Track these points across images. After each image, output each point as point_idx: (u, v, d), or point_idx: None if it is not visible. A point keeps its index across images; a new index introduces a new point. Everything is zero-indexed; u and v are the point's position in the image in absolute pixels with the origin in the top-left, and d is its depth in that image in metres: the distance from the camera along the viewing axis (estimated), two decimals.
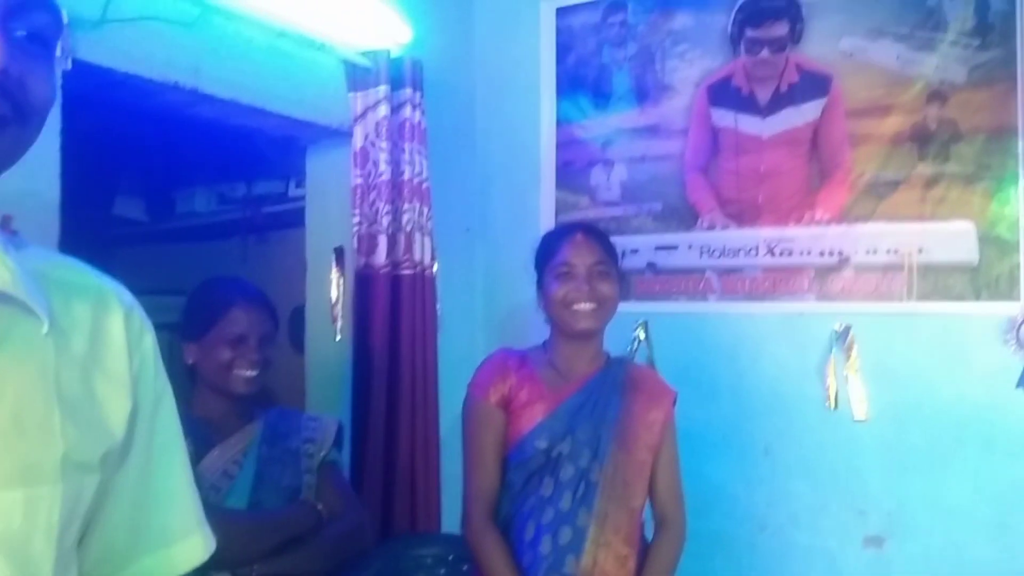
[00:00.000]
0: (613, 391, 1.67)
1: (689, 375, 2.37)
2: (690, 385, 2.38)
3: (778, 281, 2.29)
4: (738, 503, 2.32)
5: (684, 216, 2.42)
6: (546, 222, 2.60)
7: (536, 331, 2.57)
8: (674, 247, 2.44)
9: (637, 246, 2.48)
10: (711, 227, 2.38)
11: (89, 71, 1.60)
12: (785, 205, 2.28)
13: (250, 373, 1.63)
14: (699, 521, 2.32)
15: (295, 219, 2.51)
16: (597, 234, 1.75)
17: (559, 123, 2.61)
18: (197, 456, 1.58)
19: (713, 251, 2.38)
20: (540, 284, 1.74)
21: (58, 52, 1.46)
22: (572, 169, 2.59)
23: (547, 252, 1.72)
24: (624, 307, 2.47)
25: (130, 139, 2.70)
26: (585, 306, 1.64)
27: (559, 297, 1.65)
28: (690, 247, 2.41)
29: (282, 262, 2.71)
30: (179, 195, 3.08)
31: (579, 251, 1.66)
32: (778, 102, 2.29)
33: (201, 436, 1.62)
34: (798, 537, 2.26)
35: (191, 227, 3.06)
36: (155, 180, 3.11)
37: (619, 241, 2.50)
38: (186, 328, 1.68)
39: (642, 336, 2.45)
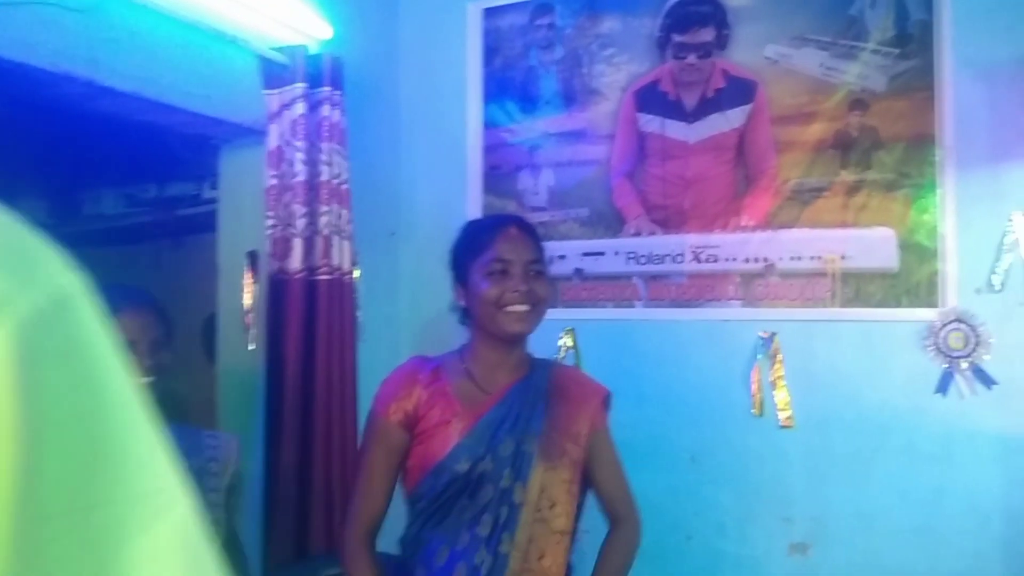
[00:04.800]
0: (536, 400, 1.53)
1: (616, 382, 2.31)
2: (617, 392, 2.33)
3: (704, 288, 2.28)
4: (665, 512, 2.29)
5: (611, 222, 2.39)
6: None
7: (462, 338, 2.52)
8: (601, 253, 2.41)
9: (564, 252, 2.44)
10: (637, 233, 2.35)
11: None
12: (711, 211, 2.27)
13: (143, 380, 1.52)
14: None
15: (210, 222, 2.39)
16: (531, 229, 1.58)
17: (486, 126, 2.56)
18: None
19: (640, 257, 2.35)
20: (464, 281, 1.55)
21: None
22: (499, 173, 2.54)
23: (475, 246, 1.54)
24: (551, 314, 2.42)
25: (30, 135, 2.54)
26: (520, 308, 1.47)
27: (492, 297, 1.48)
28: (617, 253, 2.38)
29: (197, 268, 2.58)
30: (85, 196, 2.91)
31: (515, 247, 1.50)
32: (704, 108, 2.28)
33: None
34: (725, 546, 2.25)
35: (99, 230, 2.90)
36: (58, 180, 2.94)
37: (548, 246, 2.44)
38: None
39: (569, 343, 2.41)
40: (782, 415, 2.17)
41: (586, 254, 2.42)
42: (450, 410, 1.49)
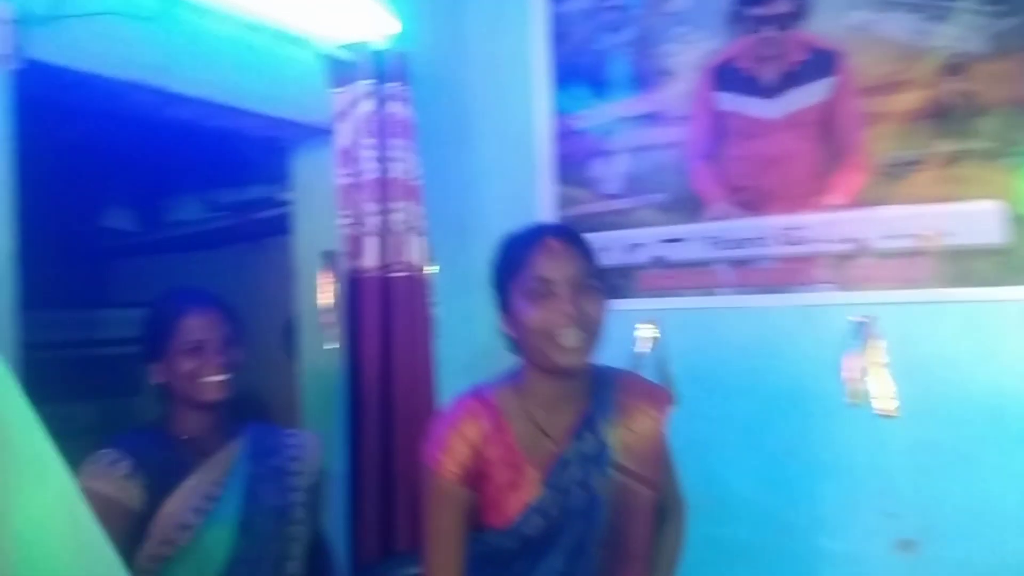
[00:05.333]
0: (603, 432, 1.35)
1: (702, 374, 2.26)
2: (704, 384, 2.27)
3: (792, 272, 2.16)
4: (759, 506, 2.20)
5: (690, 206, 2.30)
6: (546, 218, 2.48)
7: None
8: (681, 239, 2.31)
9: (642, 240, 2.36)
10: (719, 217, 2.25)
11: (44, 71, 1.50)
12: (797, 191, 2.15)
13: (217, 378, 1.56)
14: (719, 528, 2.21)
15: (286, 224, 2.41)
16: (575, 237, 1.36)
17: (556, 114, 2.50)
18: (178, 478, 1.50)
19: (722, 242, 2.25)
20: (504, 305, 1.36)
21: (6, 51, 1.37)
22: (571, 162, 2.48)
23: (513, 264, 1.35)
24: (630, 304, 2.38)
25: (113, 146, 2.61)
26: (572, 335, 1.26)
27: (536, 324, 1.28)
28: (697, 239, 2.29)
29: (277, 270, 2.60)
30: (167, 204, 2.98)
31: (557, 262, 1.29)
32: (785, 82, 2.17)
33: (180, 457, 1.54)
34: (823, 542, 2.13)
35: (181, 236, 2.96)
36: (143, 189, 3.02)
37: (623, 235, 2.40)
38: (146, 349, 1.59)
39: (651, 334, 2.32)
40: (882, 404, 2.04)
41: (665, 241, 2.34)
42: (517, 469, 1.31)
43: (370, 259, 2.06)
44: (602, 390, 1.39)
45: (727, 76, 2.24)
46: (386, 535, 2.05)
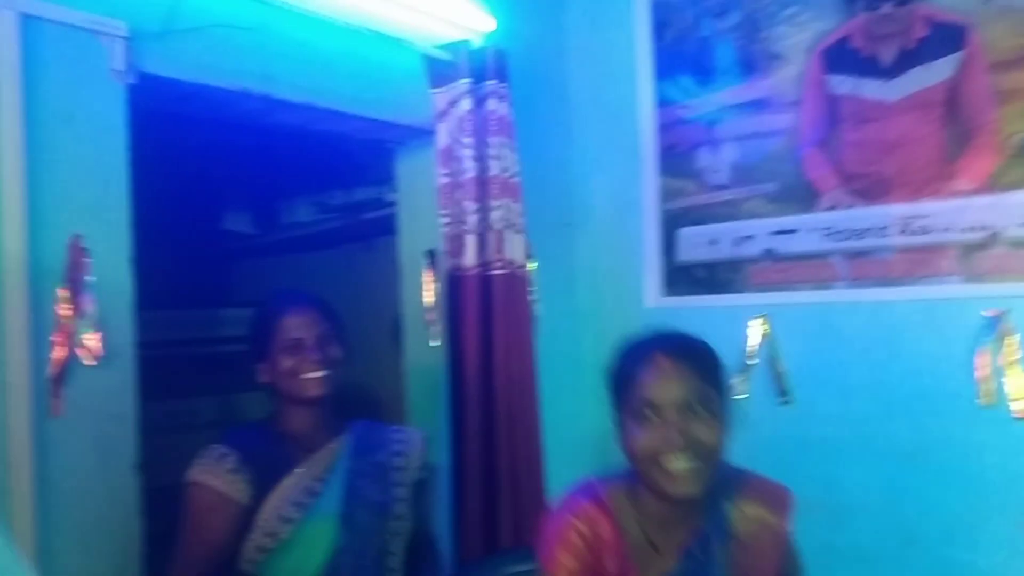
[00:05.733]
0: (717, 552, 1.28)
1: (818, 372, 2.15)
2: (819, 383, 2.16)
3: (915, 263, 2.02)
4: (882, 514, 2.07)
5: (803, 196, 2.18)
6: (651, 211, 2.43)
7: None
8: (793, 231, 2.21)
9: (752, 232, 2.27)
10: (834, 207, 2.13)
11: (157, 84, 1.58)
12: (919, 176, 2.01)
13: (316, 374, 1.59)
14: (836, 534, 2.10)
15: (393, 225, 2.45)
16: (691, 353, 1.26)
17: (660, 105, 2.43)
18: (283, 472, 1.55)
19: (838, 233, 2.13)
20: (616, 419, 1.30)
21: (120, 66, 1.44)
22: (676, 153, 2.41)
23: (621, 380, 1.29)
24: (741, 300, 2.29)
25: (231, 154, 2.73)
26: (681, 464, 1.19)
27: (642, 448, 1.22)
28: (811, 230, 2.17)
29: (385, 269, 2.66)
30: (282, 206, 3.10)
31: (666, 383, 1.21)
32: (905, 61, 2.02)
33: (285, 453, 1.59)
34: (953, 553, 1.98)
35: (296, 238, 3.08)
36: (259, 193, 3.15)
37: (731, 227, 2.32)
38: (252, 350, 1.66)
39: (762, 331, 2.23)
40: (1019, 405, 1.88)
41: (776, 233, 2.23)
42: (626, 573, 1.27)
43: (470, 257, 2.07)
44: (718, 505, 1.31)
45: (841, 57, 2.12)
46: (490, 532, 2.05)
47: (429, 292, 2.23)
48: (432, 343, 2.21)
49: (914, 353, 2.03)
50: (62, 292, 1.43)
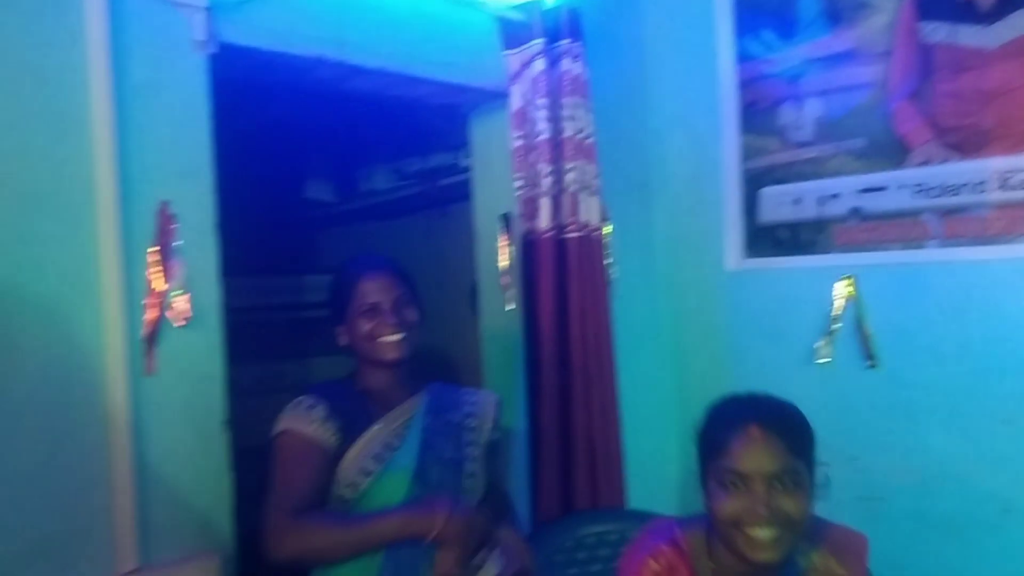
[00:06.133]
0: None
1: (908, 335, 2.06)
2: (908, 347, 2.07)
3: (1015, 220, 1.91)
4: (974, 482, 1.98)
5: (892, 151, 2.09)
6: (731, 171, 2.36)
7: (729, 292, 2.37)
8: (882, 188, 2.11)
9: (837, 190, 2.18)
10: (926, 162, 2.03)
11: (237, 53, 1.62)
12: (1020, 128, 1.89)
13: (393, 337, 1.63)
14: (925, 503, 2.03)
15: (468, 190, 2.46)
16: (784, 423, 1.27)
17: (740, 60, 2.35)
18: (364, 426, 1.59)
19: (930, 189, 2.03)
20: (702, 482, 1.32)
21: (202, 36, 1.48)
22: (757, 109, 2.33)
23: (710, 445, 1.30)
24: (826, 261, 2.21)
25: (310, 122, 2.78)
26: (764, 534, 1.21)
27: (726, 515, 1.24)
28: (901, 187, 2.08)
29: (462, 235, 2.68)
30: (361, 174, 3.15)
31: (756, 454, 1.22)
32: (1006, 5, 1.89)
33: (367, 408, 1.65)
34: None
35: (374, 206, 3.13)
36: (338, 161, 3.20)
37: (816, 186, 2.24)
38: (332, 314, 1.71)
39: (848, 293, 2.15)
40: None
41: (864, 190, 2.14)
42: None
43: (544, 220, 2.06)
44: (793, 559, 1.30)
45: (935, 2, 2.00)
46: (566, 495, 2.06)
47: (504, 256, 2.24)
48: (508, 307, 2.22)
49: (1010, 315, 1.93)
50: (152, 256, 1.49)
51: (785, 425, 1.26)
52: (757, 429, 1.24)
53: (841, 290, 2.16)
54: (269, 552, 1.46)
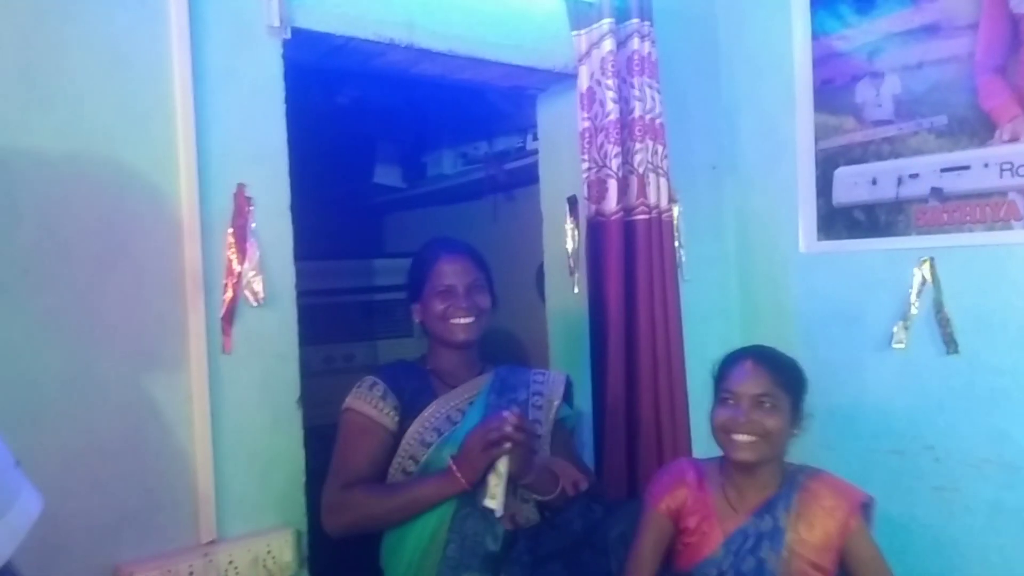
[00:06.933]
0: (780, 518, 1.61)
1: (988, 320, 1.99)
2: (989, 332, 1.99)
3: None
4: None
5: (977, 128, 2.00)
6: (805, 151, 2.30)
7: (801, 275, 2.31)
8: (965, 167, 2.03)
9: (917, 169, 2.11)
10: (1014, 138, 1.94)
11: (309, 38, 1.64)
12: None
13: (464, 320, 1.68)
14: (1006, 493, 1.96)
15: (535, 173, 2.46)
16: (774, 361, 1.65)
17: (814, 36, 2.28)
18: (427, 403, 1.66)
19: (1018, 168, 1.94)
20: (713, 400, 1.70)
21: (276, 22, 1.51)
22: (832, 88, 2.26)
23: (719, 375, 1.69)
24: (904, 243, 2.14)
25: (379, 106, 2.81)
26: (742, 438, 1.59)
27: (719, 422, 1.63)
28: (986, 165, 1.99)
29: (528, 218, 2.68)
30: (429, 159, 3.17)
31: (744, 381, 1.61)
32: None
33: (431, 386, 1.70)
34: None
35: (442, 190, 3.15)
36: (407, 146, 3.23)
37: (894, 165, 2.16)
38: (409, 291, 1.77)
39: (927, 276, 2.08)
40: None
41: (945, 169, 2.07)
42: (707, 522, 1.64)
43: (611, 202, 2.04)
44: (790, 483, 1.65)
45: None
46: (631, 476, 2.06)
47: (570, 239, 2.23)
48: (574, 290, 2.22)
49: None
50: (229, 238, 1.53)
51: (773, 364, 1.64)
52: (751, 362, 1.63)
53: (919, 273, 2.09)
54: (324, 526, 1.55)
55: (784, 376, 1.63)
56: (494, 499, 1.48)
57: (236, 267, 1.53)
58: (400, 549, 1.59)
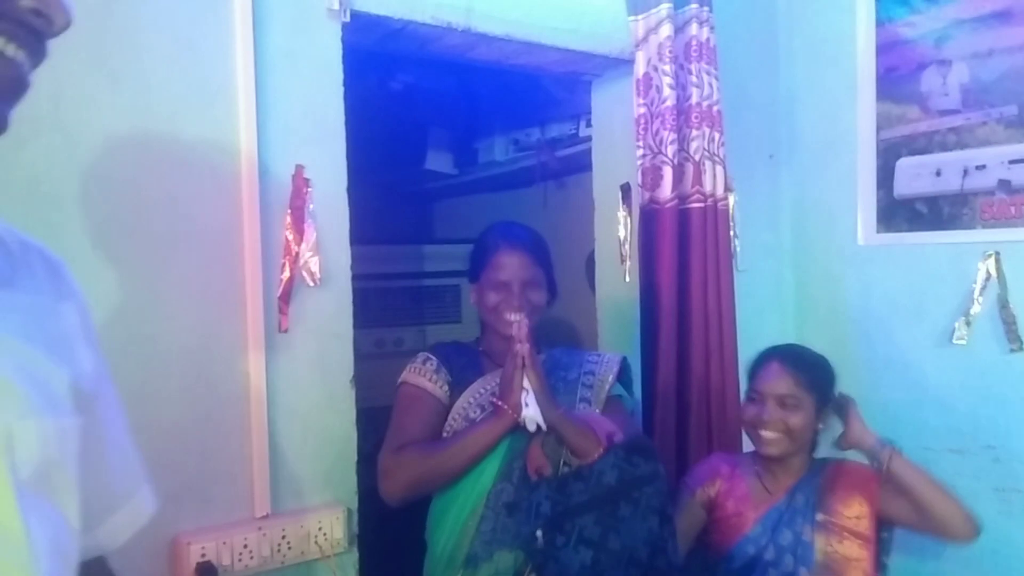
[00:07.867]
0: (811, 495, 1.74)
1: None
2: None
3: None
4: None
5: None
6: (866, 141, 2.25)
7: (859, 268, 2.27)
8: None
9: (984, 161, 2.04)
10: None
11: (367, 22, 1.65)
12: None
13: (514, 317, 1.64)
14: None
15: (588, 160, 2.45)
16: (800, 361, 1.77)
17: (878, 23, 2.23)
18: (476, 379, 1.69)
19: None
20: (745, 397, 1.85)
21: (335, 5, 1.52)
22: (896, 76, 2.20)
23: (750, 374, 1.82)
24: (969, 236, 2.08)
25: (433, 91, 2.82)
26: (768, 434, 1.72)
27: (747, 418, 1.77)
28: None
29: (580, 205, 2.67)
30: (480, 145, 3.17)
31: (770, 381, 1.74)
32: None
33: (480, 365, 1.73)
34: None
35: (493, 176, 3.15)
36: (459, 132, 3.24)
37: (960, 156, 2.10)
38: (470, 270, 1.78)
39: (992, 271, 2.02)
40: None
41: (1014, 161, 2.00)
42: (743, 504, 1.78)
43: (666, 190, 2.02)
44: (817, 466, 1.80)
45: None
46: (680, 468, 2.04)
47: (622, 227, 2.21)
48: (625, 279, 2.20)
49: None
50: (287, 218, 1.55)
51: (798, 365, 1.75)
52: (776, 363, 1.77)
53: (984, 268, 2.03)
54: (382, 492, 1.56)
55: (808, 376, 1.74)
56: (528, 413, 1.51)
57: (294, 247, 1.56)
58: (443, 520, 1.62)
